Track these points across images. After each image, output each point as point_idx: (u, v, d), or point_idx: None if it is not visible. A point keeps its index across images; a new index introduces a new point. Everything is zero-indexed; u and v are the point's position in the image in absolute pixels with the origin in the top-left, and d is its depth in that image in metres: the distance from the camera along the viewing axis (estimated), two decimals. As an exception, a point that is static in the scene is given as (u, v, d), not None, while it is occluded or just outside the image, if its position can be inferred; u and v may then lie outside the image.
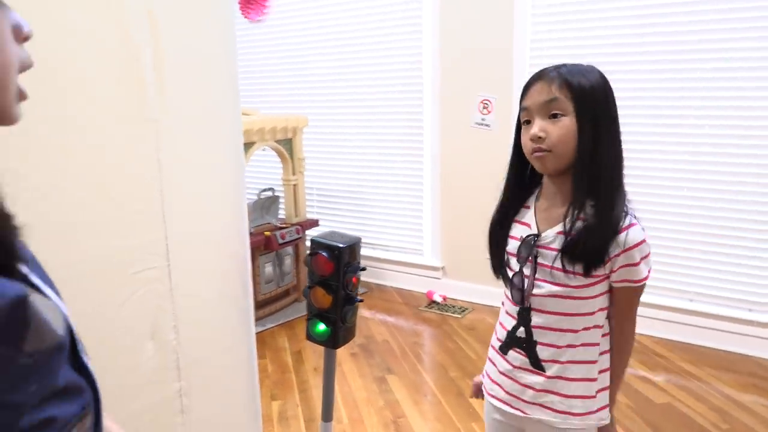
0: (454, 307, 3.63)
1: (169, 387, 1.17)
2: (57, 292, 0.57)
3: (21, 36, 0.52)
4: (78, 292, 0.96)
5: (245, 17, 4.35)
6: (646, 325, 3.16)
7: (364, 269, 1.18)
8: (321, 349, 2.94)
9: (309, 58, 4.18)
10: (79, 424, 0.54)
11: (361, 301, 1.20)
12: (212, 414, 1.24)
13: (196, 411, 1.21)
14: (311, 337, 1.19)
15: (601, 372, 1.16)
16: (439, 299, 3.74)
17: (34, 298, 0.47)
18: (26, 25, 0.52)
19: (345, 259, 1.12)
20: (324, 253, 1.12)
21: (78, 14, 0.94)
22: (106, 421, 0.63)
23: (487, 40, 3.40)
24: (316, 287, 1.15)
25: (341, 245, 1.12)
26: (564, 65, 1.08)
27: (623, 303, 1.14)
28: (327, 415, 1.28)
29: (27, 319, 0.47)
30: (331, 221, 4.20)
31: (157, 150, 1.07)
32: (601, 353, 1.15)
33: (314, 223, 3.88)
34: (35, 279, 0.53)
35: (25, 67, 0.53)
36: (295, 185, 3.75)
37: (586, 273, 1.05)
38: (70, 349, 0.54)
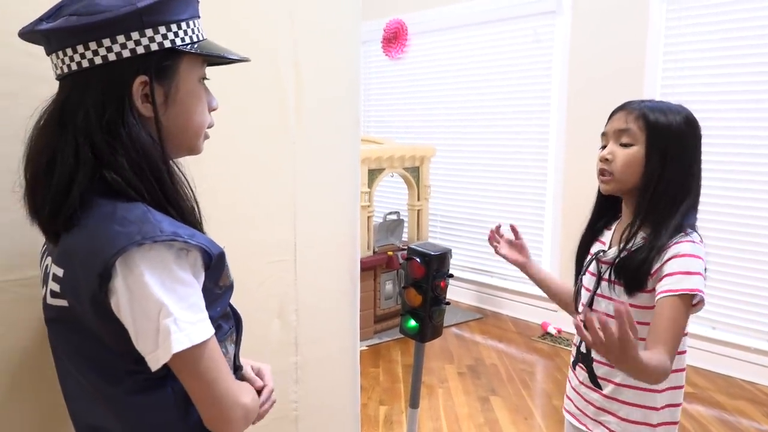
0: (568, 340, 3.62)
1: (288, 359, 1.45)
2: None
3: (211, 108, 0.86)
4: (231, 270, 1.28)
5: (386, 55, 4.77)
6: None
7: (452, 276, 1.38)
8: (430, 366, 3.14)
9: (440, 92, 4.47)
10: (231, 336, 0.88)
11: (448, 303, 1.39)
12: (320, 387, 1.50)
13: (307, 383, 1.47)
14: (403, 330, 1.40)
15: (666, 406, 1.16)
16: (553, 331, 3.76)
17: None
18: (215, 101, 0.86)
19: (434, 266, 1.33)
20: (417, 259, 1.34)
21: (246, 66, 1.27)
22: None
23: (618, 63, 3.41)
24: (410, 288, 1.36)
25: (432, 253, 1.33)
26: (651, 101, 1.17)
27: (662, 319, 1.05)
28: (414, 402, 1.48)
29: (223, 265, 0.81)
30: (452, 246, 4.37)
31: (294, 166, 1.38)
32: (668, 388, 1.15)
33: (435, 247, 4.10)
34: None
35: (210, 126, 0.86)
36: (419, 210, 4.01)
37: (628, 288, 1.13)
38: None
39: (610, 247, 1.23)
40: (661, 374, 1.01)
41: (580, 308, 1.27)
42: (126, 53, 0.73)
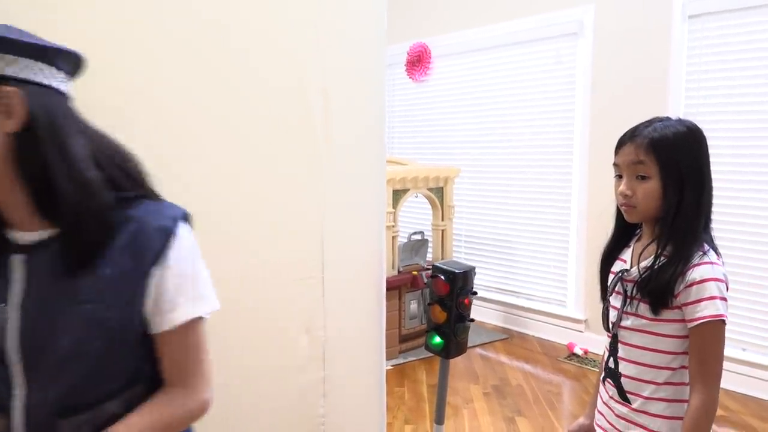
0: (594, 361, 3.58)
1: (315, 374, 1.49)
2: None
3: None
4: (262, 287, 1.33)
5: (410, 78, 4.85)
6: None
7: (475, 293, 1.41)
8: (455, 385, 3.13)
9: (464, 113, 4.52)
10: None
11: (472, 320, 1.42)
12: (346, 403, 1.53)
13: (335, 398, 1.51)
14: (428, 347, 1.43)
15: None
16: (579, 352, 3.72)
17: None
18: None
19: (459, 283, 1.37)
20: (442, 277, 1.38)
21: (279, 92, 1.35)
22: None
23: (640, 84, 3.41)
24: (435, 305, 1.40)
25: (456, 271, 1.36)
26: (652, 125, 1.19)
27: (693, 350, 1.13)
28: (440, 418, 1.50)
29: None
30: (477, 266, 4.37)
31: (323, 189, 1.44)
32: None
33: (459, 267, 4.11)
34: None
35: None
36: (443, 230, 4.03)
37: (653, 306, 1.15)
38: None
39: (631, 266, 1.25)
40: (712, 409, 1.11)
41: (610, 327, 1.29)
42: None
